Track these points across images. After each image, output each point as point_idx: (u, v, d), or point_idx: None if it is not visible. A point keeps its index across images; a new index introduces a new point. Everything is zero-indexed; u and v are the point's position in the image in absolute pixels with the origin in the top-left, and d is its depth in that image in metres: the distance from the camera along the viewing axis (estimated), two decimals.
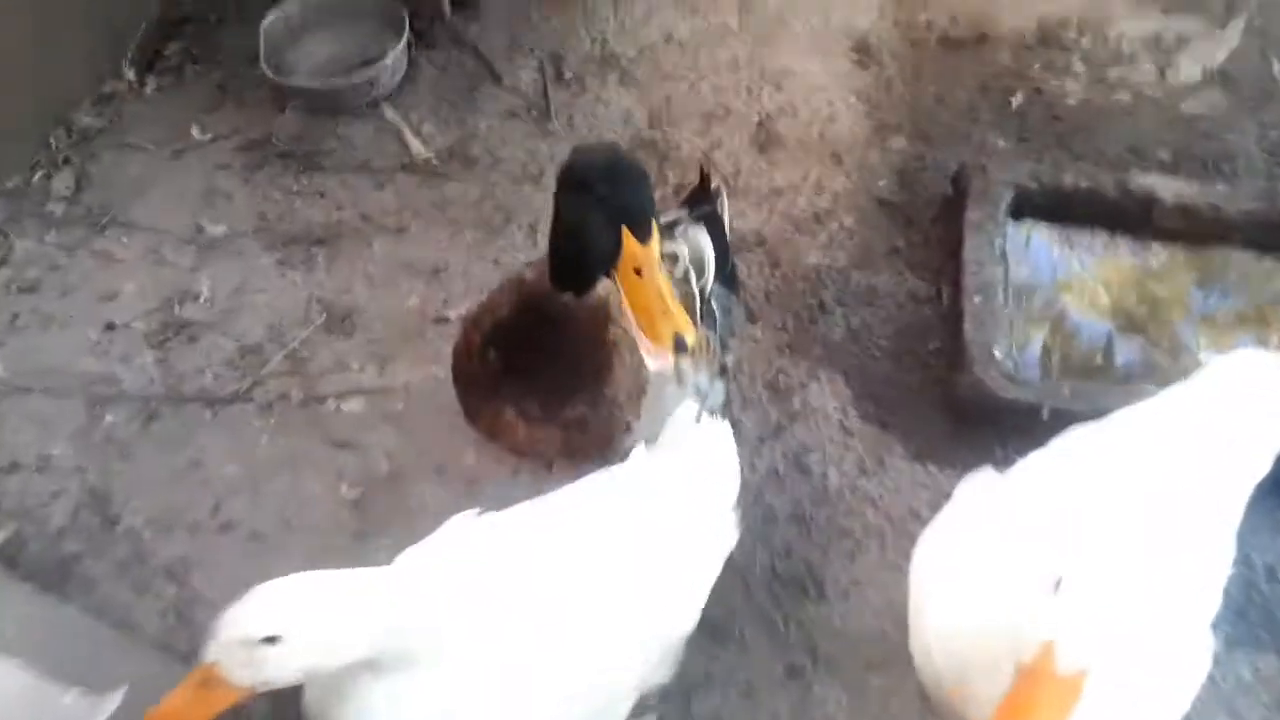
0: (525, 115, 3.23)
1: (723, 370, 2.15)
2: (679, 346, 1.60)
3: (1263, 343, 2.62)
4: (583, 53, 3.41)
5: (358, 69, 3.27)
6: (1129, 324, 2.66)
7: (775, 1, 3.53)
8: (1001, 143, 3.08)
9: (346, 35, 3.47)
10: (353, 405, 2.58)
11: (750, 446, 2.47)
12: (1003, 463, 2.41)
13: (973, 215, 2.76)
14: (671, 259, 2.07)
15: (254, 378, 2.64)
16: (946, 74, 3.29)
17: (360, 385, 2.61)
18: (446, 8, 3.53)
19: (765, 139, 3.12)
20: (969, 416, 2.51)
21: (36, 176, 3.10)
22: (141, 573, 2.31)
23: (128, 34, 3.42)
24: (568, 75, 3.34)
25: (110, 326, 2.75)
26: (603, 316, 1.82)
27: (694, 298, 2.07)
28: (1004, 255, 2.73)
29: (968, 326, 2.55)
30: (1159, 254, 2.78)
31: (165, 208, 3.02)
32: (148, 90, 3.36)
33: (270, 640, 1.28)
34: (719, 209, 2.39)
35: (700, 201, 2.36)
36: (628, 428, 1.92)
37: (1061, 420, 2.36)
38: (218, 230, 2.97)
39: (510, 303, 1.86)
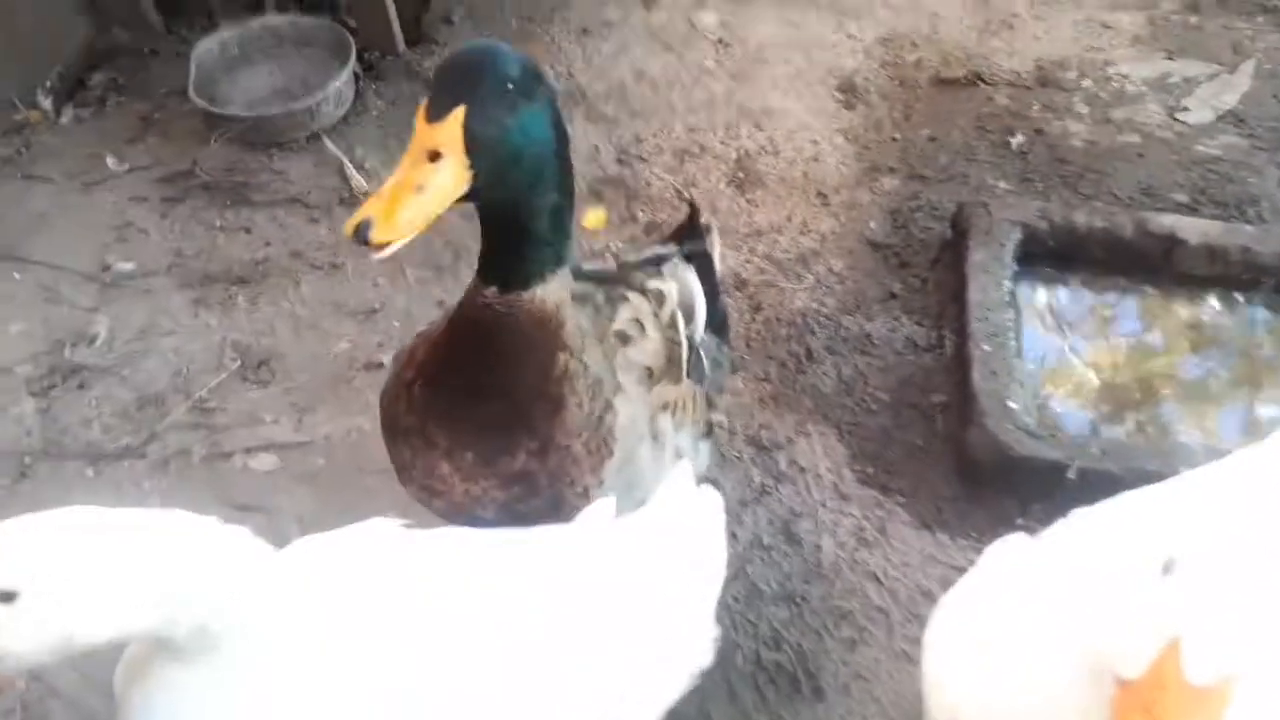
0: None
1: (709, 430, 1.80)
2: (357, 237, 1.12)
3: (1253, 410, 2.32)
4: None
5: (295, 98, 2.98)
6: (1116, 409, 2.34)
7: (754, 40, 3.29)
8: (1002, 184, 2.82)
9: (289, 66, 3.21)
10: (263, 462, 2.20)
11: (731, 512, 2.08)
12: (1024, 531, 2.11)
13: (977, 256, 2.46)
14: (658, 298, 1.70)
15: (150, 431, 2.26)
16: (940, 114, 3.04)
17: (273, 439, 2.24)
18: (400, 42, 3.27)
19: (744, 177, 2.84)
20: (982, 477, 2.17)
21: None
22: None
23: (48, 62, 3.13)
24: None
25: None
26: (550, 333, 1.37)
27: (680, 346, 1.70)
28: (1014, 298, 2.43)
29: (976, 376, 2.23)
30: (1159, 320, 2.47)
31: (68, 243, 2.68)
32: (63, 121, 3.04)
33: (3, 597, 0.94)
34: (709, 247, 2.02)
35: (688, 238, 2.01)
36: (584, 493, 1.49)
37: (1091, 482, 2.07)
38: (126, 267, 2.62)
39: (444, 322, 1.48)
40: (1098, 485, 2.06)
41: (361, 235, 1.11)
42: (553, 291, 1.35)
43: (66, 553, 0.98)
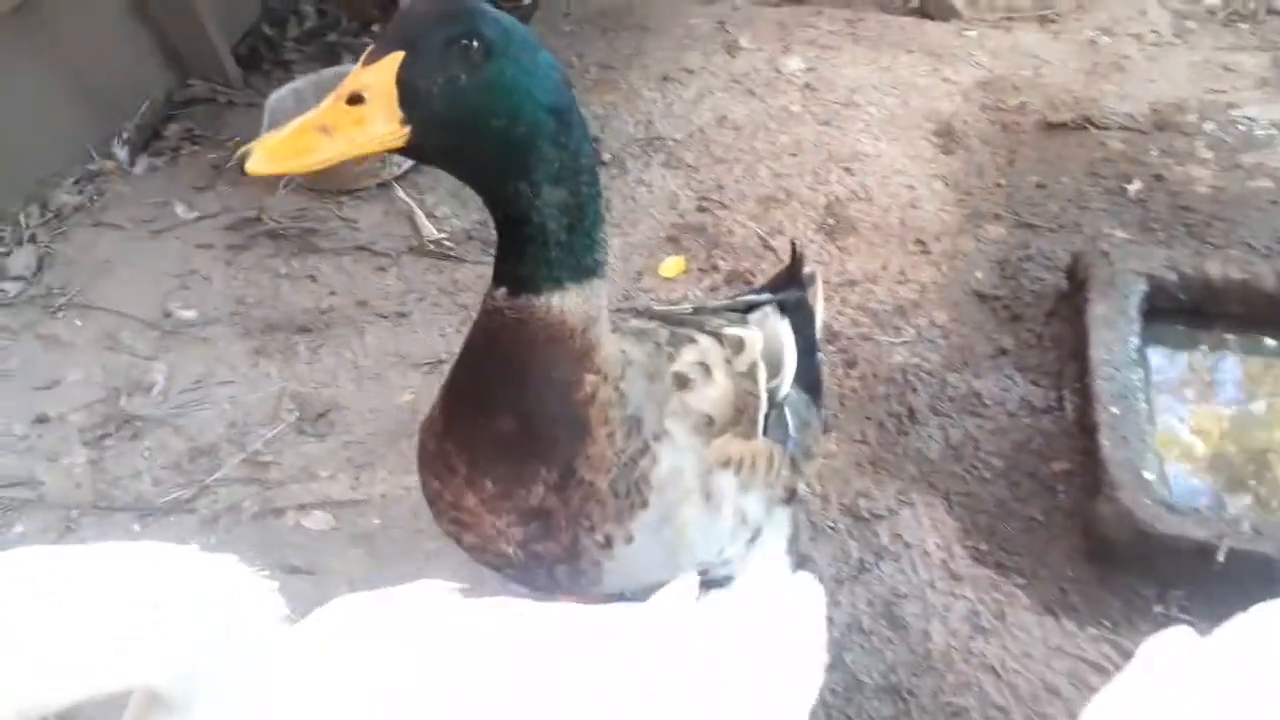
0: None
1: (791, 496, 1.58)
2: (241, 161, 0.98)
3: None
4: (624, 135, 3.01)
5: None
6: (1232, 480, 2.05)
7: (843, 84, 3.13)
8: (1120, 232, 2.57)
9: None
10: (316, 520, 2.05)
11: (825, 590, 1.86)
12: (1163, 620, 1.84)
13: (1098, 310, 2.22)
14: (735, 345, 1.51)
15: (201, 484, 2.13)
16: (1048, 160, 2.82)
17: (328, 496, 2.08)
18: None
19: (834, 224, 2.65)
20: (1114, 557, 1.90)
21: None
22: None
23: (125, 113, 3.12)
24: (606, 157, 2.93)
25: (42, 419, 2.28)
26: (572, 352, 1.18)
27: (758, 399, 1.50)
28: (1143, 356, 2.18)
29: (1105, 442, 1.98)
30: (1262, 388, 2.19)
31: (132, 290, 2.60)
32: (136, 170, 3.01)
33: None
34: (810, 298, 1.83)
35: (787, 286, 1.81)
36: (606, 543, 1.27)
37: (1242, 566, 1.80)
38: (187, 315, 2.53)
39: None
40: (1249, 569, 1.80)
41: (242, 159, 0.97)
42: (574, 305, 1.16)
43: (31, 603, 0.82)
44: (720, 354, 1.45)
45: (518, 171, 1.08)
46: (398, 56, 0.99)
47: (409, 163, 2.90)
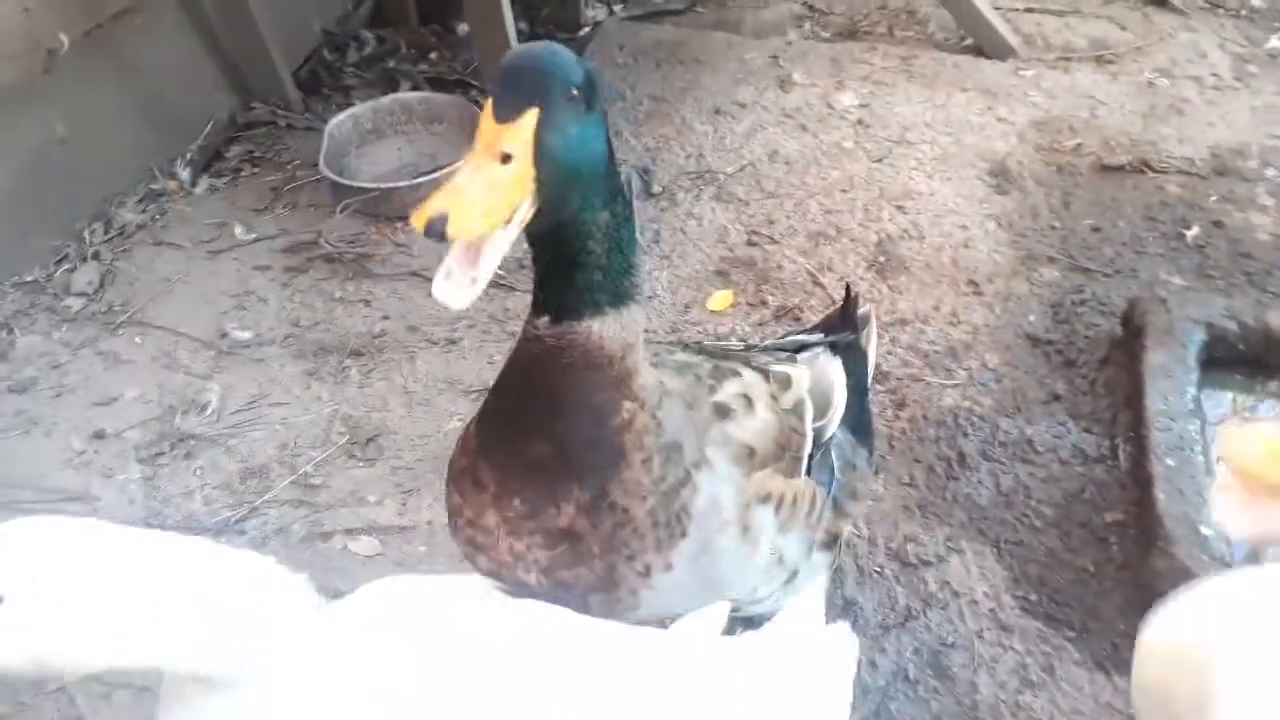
0: None
1: (832, 540, 1.56)
2: (429, 229, 0.96)
3: None
4: (676, 167, 3.03)
5: (424, 173, 2.95)
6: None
7: (896, 122, 3.13)
8: (1177, 279, 2.54)
9: (419, 142, 3.20)
10: (363, 545, 2.06)
11: (870, 637, 1.85)
12: None
13: (1155, 358, 2.19)
14: (782, 382, 1.51)
15: (251, 505, 2.16)
16: (1103, 203, 2.79)
17: (375, 521, 2.10)
18: None
19: (885, 262, 2.64)
20: None
21: (59, 270, 2.78)
22: None
23: (189, 134, 3.20)
24: (657, 189, 2.95)
25: (99, 435, 2.32)
26: (611, 377, 1.19)
27: (803, 437, 1.50)
28: (1200, 407, 2.14)
29: (1160, 495, 1.94)
30: None
31: (190, 309, 2.65)
32: (198, 190, 3.07)
33: None
34: (863, 340, 1.82)
35: (840, 327, 1.80)
36: (645, 572, 1.26)
37: None
38: (243, 335, 2.57)
39: None
40: None
41: (435, 228, 0.95)
42: (613, 331, 1.17)
43: (69, 565, 0.89)
44: (765, 389, 1.45)
45: (590, 204, 1.10)
46: (534, 113, 1.00)
47: None
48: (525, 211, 1.02)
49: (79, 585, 0.90)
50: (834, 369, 1.64)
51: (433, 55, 3.69)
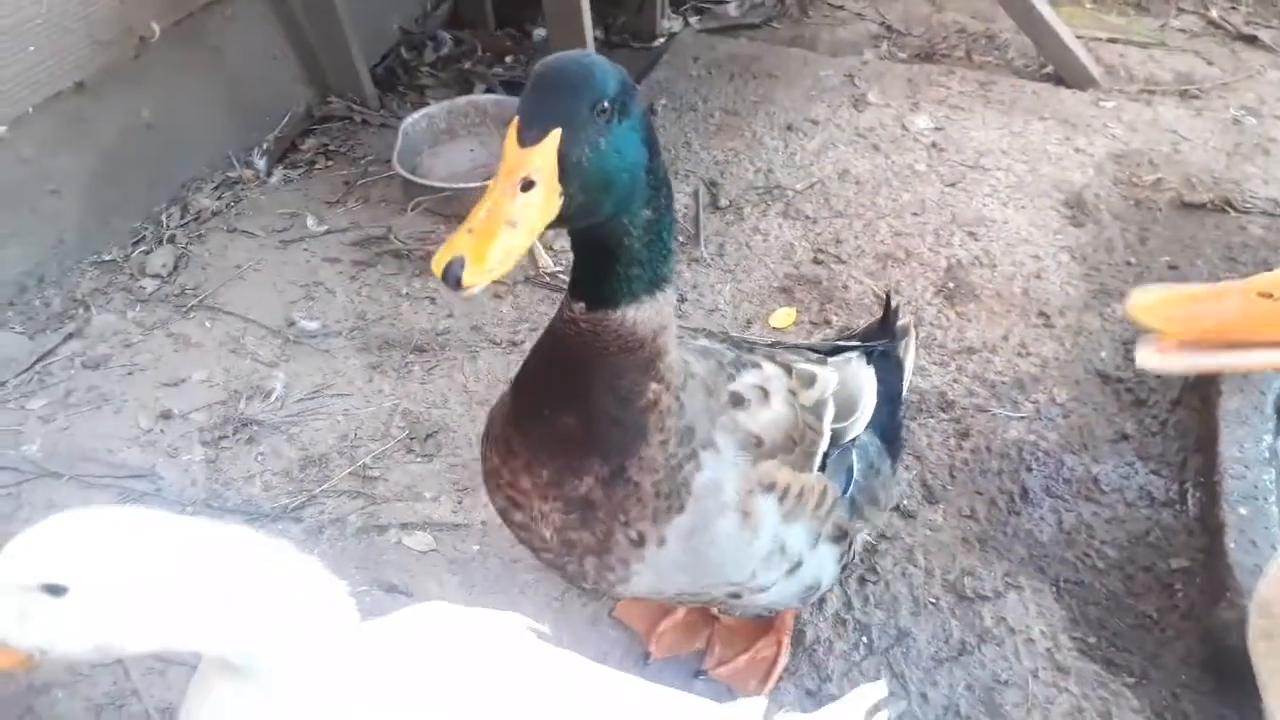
0: None
1: (841, 535, 1.56)
2: (446, 277, 0.97)
3: None
4: (744, 181, 3.02)
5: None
6: None
7: (971, 147, 3.09)
8: None
9: (491, 143, 3.22)
10: (418, 540, 2.08)
11: (922, 669, 1.82)
12: None
13: (1231, 403, 2.13)
14: (805, 379, 1.52)
15: (310, 493, 2.18)
16: (1182, 240, 2.73)
17: (430, 517, 2.12)
18: None
19: (954, 288, 2.60)
20: (1232, 667, 1.80)
21: (136, 251, 2.84)
22: (124, 716, 1.80)
23: (267, 125, 3.27)
24: (724, 203, 2.94)
25: (166, 415, 2.37)
26: (641, 360, 1.24)
27: (819, 435, 1.51)
28: (1275, 456, 2.08)
29: (1231, 544, 1.89)
30: None
31: (259, 297, 2.69)
32: (273, 180, 3.13)
33: (52, 590, 0.91)
34: (900, 350, 1.86)
35: (879, 336, 1.84)
36: (639, 540, 1.31)
37: None
38: (310, 325, 2.61)
39: None
40: None
41: (452, 275, 0.98)
42: (647, 316, 1.22)
43: (127, 557, 0.94)
44: (784, 383, 1.48)
45: (626, 206, 1.14)
46: (556, 134, 1.02)
47: None
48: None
49: (134, 574, 0.95)
50: (865, 375, 1.66)
51: (508, 59, 3.72)
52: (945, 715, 1.76)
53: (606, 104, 1.05)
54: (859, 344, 1.76)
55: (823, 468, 1.52)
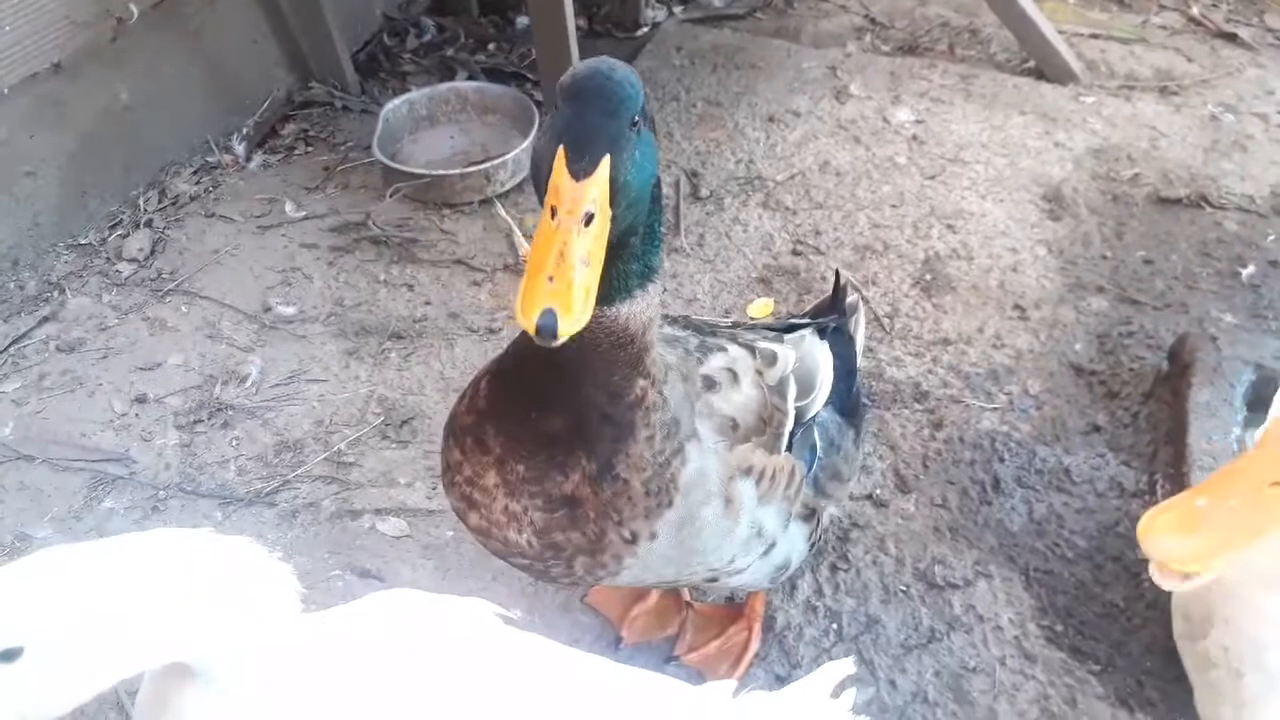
0: None
1: (810, 514, 1.57)
2: (542, 331, 0.98)
3: None
4: (725, 172, 3.02)
5: (474, 163, 2.96)
6: None
7: (951, 140, 3.10)
8: (1229, 317, 2.49)
9: (471, 131, 3.22)
10: (391, 526, 2.08)
11: (891, 656, 1.83)
12: None
13: (1201, 396, 2.15)
14: (767, 358, 1.52)
15: (284, 478, 2.18)
16: (1158, 235, 2.75)
17: (404, 503, 2.12)
18: None
19: (931, 280, 2.61)
20: None
21: (113, 235, 2.83)
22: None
23: (247, 109, 3.25)
24: (705, 193, 2.94)
25: (140, 400, 2.36)
26: (631, 355, 1.22)
27: (785, 414, 1.51)
28: (1244, 449, 2.10)
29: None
30: None
31: (236, 282, 2.69)
32: (252, 165, 3.11)
33: (5, 656, 0.85)
34: (850, 326, 1.86)
35: (829, 313, 1.85)
36: (631, 539, 1.30)
37: None
38: (286, 311, 2.60)
39: None
40: None
41: (548, 330, 0.97)
42: (639, 310, 1.21)
43: (68, 598, 0.89)
44: (751, 364, 1.48)
45: (643, 212, 1.14)
46: (607, 162, 1.01)
47: (513, 181, 2.95)
48: None
49: (87, 613, 0.90)
50: (820, 351, 1.67)
51: (490, 46, 3.71)
52: (913, 702, 1.77)
53: (638, 117, 1.06)
54: (810, 320, 1.77)
55: (789, 447, 1.53)
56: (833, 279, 1.92)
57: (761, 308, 2.57)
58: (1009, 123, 3.17)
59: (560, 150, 1.02)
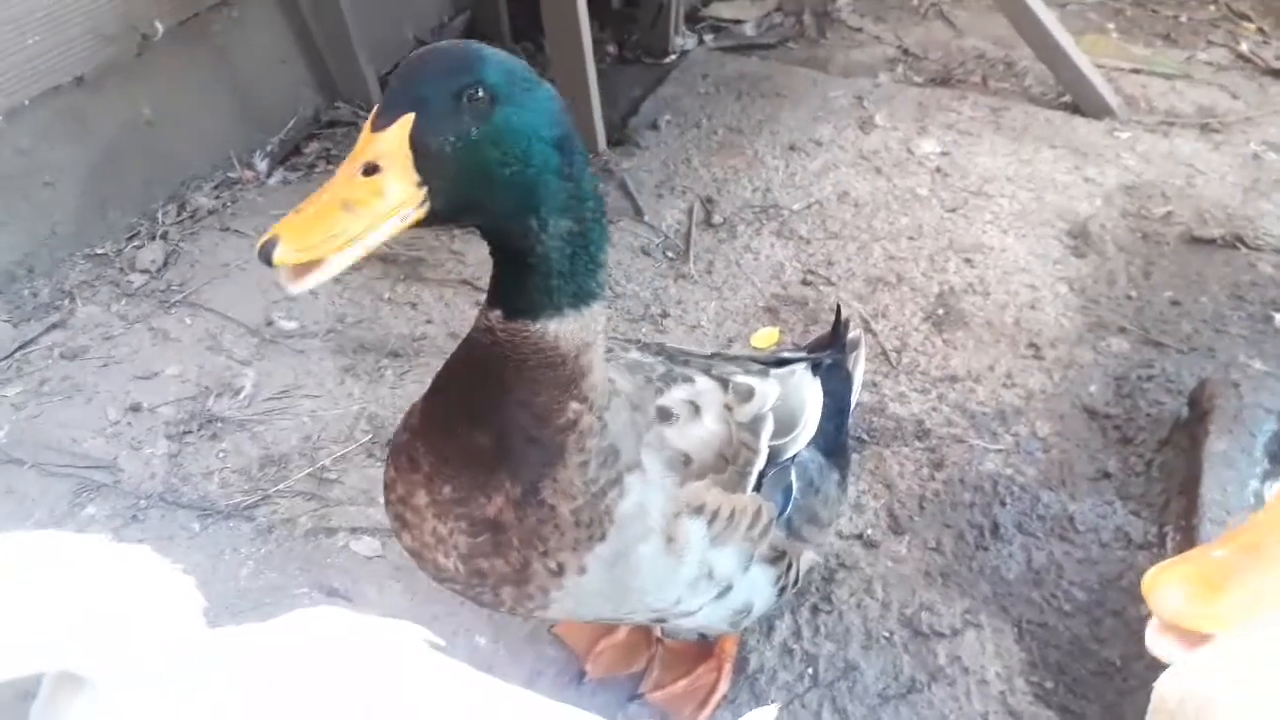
0: (659, 254, 2.78)
1: (777, 557, 1.48)
2: (261, 253, 0.93)
3: None
4: (741, 199, 2.97)
5: None
6: None
7: (976, 173, 3.01)
8: (1257, 363, 2.36)
9: None
10: (365, 545, 2.04)
11: (867, 705, 1.74)
12: None
13: (1219, 445, 2.03)
14: (742, 394, 1.44)
15: (264, 492, 2.16)
16: (1187, 276, 2.63)
17: (381, 523, 2.08)
18: (601, 141, 3.21)
19: (944, 315, 2.52)
20: None
21: (128, 246, 2.86)
22: None
23: (272, 127, 3.28)
24: (718, 219, 2.89)
25: (135, 408, 2.37)
26: (561, 377, 1.16)
27: (755, 453, 1.42)
28: (1262, 503, 1.97)
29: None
30: None
31: (241, 295, 2.69)
32: (271, 181, 3.14)
33: None
34: (849, 363, 1.78)
35: (827, 348, 1.77)
36: (558, 570, 1.23)
37: None
38: (288, 325, 2.60)
39: None
40: None
41: (265, 252, 0.92)
42: (570, 331, 1.14)
43: None
44: (718, 398, 1.41)
45: (528, 210, 1.06)
46: (408, 119, 0.97)
47: None
48: (408, 217, 0.98)
49: None
50: (809, 388, 1.58)
51: None
52: None
53: (482, 91, 0.98)
54: (805, 356, 1.70)
55: (758, 487, 1.45)
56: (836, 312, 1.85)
57: (766, 337, 2.51)
58: (1038, 156, 3.07)
59: (376, 107, 1.00)
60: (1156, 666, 1.76)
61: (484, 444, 1.18)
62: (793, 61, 3.68)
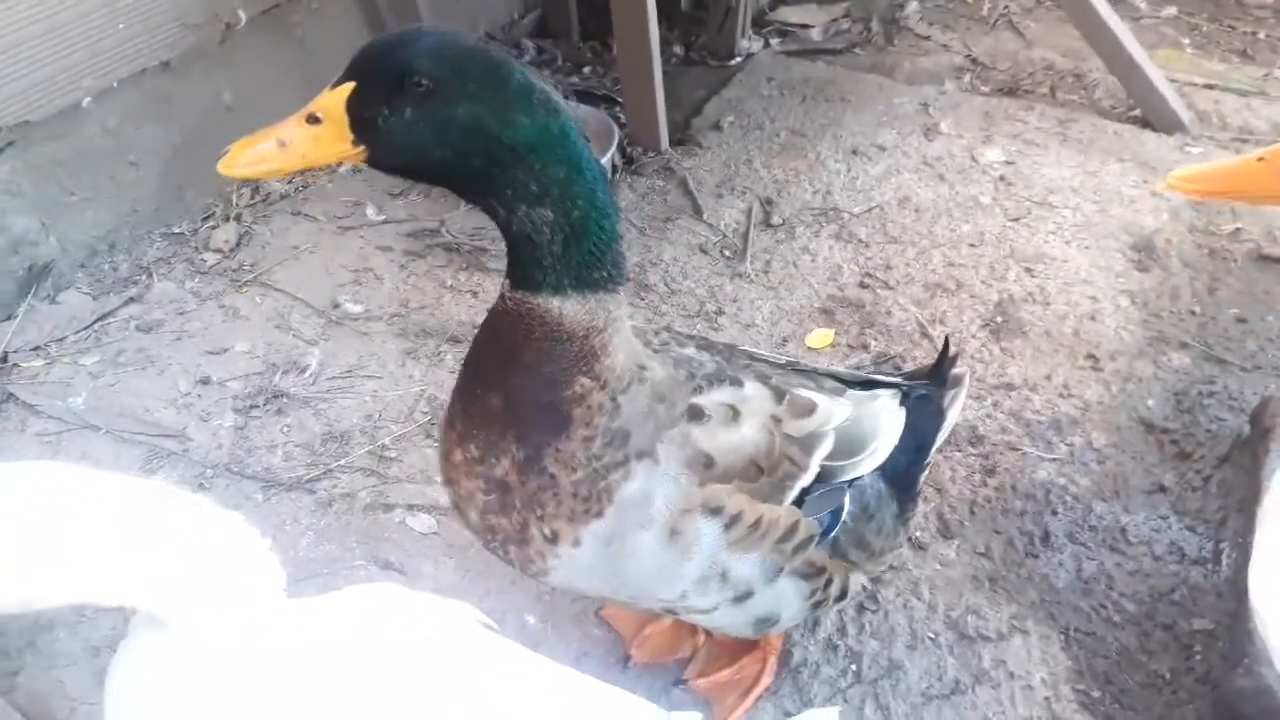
0: (717, 253, 2.80)
1: (814, 573, 1.48)
2: (219, 155, 1.14)
3: None
4: (801, 201, 2.98)
5: None
6: None
7: (1041, 183, 2.99)
8: None
9: None
10: (421, 522, 2.09)
11: (910, 704, 1.74)
12: None
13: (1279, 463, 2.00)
14: (800, 408, 1.44)
15: (326, 467, 2.22)
16: (1254, 294, 2.59)
17: (437, 502, 2.13)
18: (664, 141, 3.24)
19: (1002, 323, 2.51)
20: None
21: (204, 226, 2.96)
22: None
23: None
24: (777, 220, 2.91)
25: (205, 381, 2.45)
26: (570, 352, 1.23)
27: (800, 469, 1.41)
28: None
29: (1258, 608, 1.76)
30: None
31: (311, 278, 2.77)
32: (342, 169, 3.22)
33: None
34: (944, 401, 1.73)
35: (927, 379, 1.73)
36: (552, 538, 1.30)
37: None
38: (354, 308, 2.67)
39: None
40: None
41: (219, 156, 1.13)
42: (575, 312, 1.22)
43: (42, 507, 0.91)
44: (765, 407, 1.41)
45: (483, 192, 1.17)
46: (349, 87, 1.11)
47: None
48: (345, 158, 1.15)
49: (49, 525, 0.92)
50: (890, 416, 1.57)
51: (585, 70, 3.77)
52: None
53: (422, 80, 1.09)
54: (898, 382, 1.67)
55: (799, 502, 1.44)
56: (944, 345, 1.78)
57: (820, 338, 2.52)
58: (1104, 169, 3.04)
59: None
60: (1207, 681, 1.76)
61: (497, 405, 1.26)
62: (859, 68, 3.68)
